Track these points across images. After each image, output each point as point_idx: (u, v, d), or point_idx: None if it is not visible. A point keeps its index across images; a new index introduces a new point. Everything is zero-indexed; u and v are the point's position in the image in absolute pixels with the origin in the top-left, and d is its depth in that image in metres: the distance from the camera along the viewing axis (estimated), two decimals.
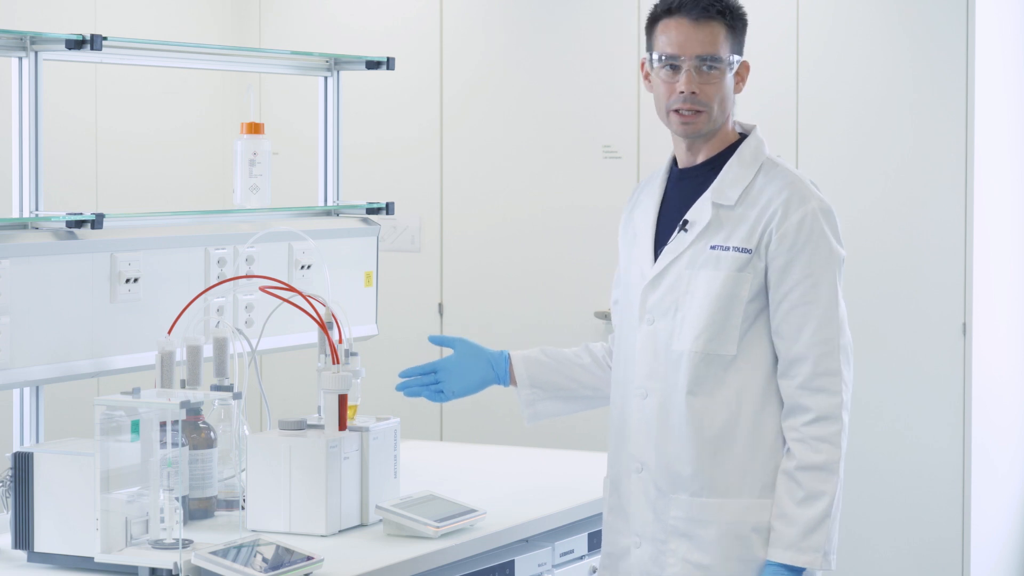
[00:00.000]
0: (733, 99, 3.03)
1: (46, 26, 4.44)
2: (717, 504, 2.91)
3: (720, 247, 2.93)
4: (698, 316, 2.92)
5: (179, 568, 2.81)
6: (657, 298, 2.97)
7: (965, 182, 5.29)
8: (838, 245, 2.95)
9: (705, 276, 2.93)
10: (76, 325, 3.38)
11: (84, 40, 3.34)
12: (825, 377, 2.91)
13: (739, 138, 3.06)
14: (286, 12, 6.47)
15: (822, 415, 2.90)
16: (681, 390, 2.92)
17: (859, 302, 5.46)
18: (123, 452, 2.89)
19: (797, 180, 2.97)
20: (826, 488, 2.86)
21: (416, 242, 6.20)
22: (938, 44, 5.31)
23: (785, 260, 2.91)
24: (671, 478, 2.94)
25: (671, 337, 2.95)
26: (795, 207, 2.92)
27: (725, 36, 3.00)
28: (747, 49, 3.07)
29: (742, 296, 2.91)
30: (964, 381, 5.29)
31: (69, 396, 4.17)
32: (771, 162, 3.01)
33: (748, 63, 3.05)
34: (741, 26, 3.03)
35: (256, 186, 3.87)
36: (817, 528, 2.85)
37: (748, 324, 2.92)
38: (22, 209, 3.35)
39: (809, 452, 2.87)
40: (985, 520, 5.39)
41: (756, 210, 2.94)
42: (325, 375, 3.25)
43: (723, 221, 2.95)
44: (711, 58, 2.97)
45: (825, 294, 2.92)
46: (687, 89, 2.96)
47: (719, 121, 3.01)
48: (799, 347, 2.91)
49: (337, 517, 3.19)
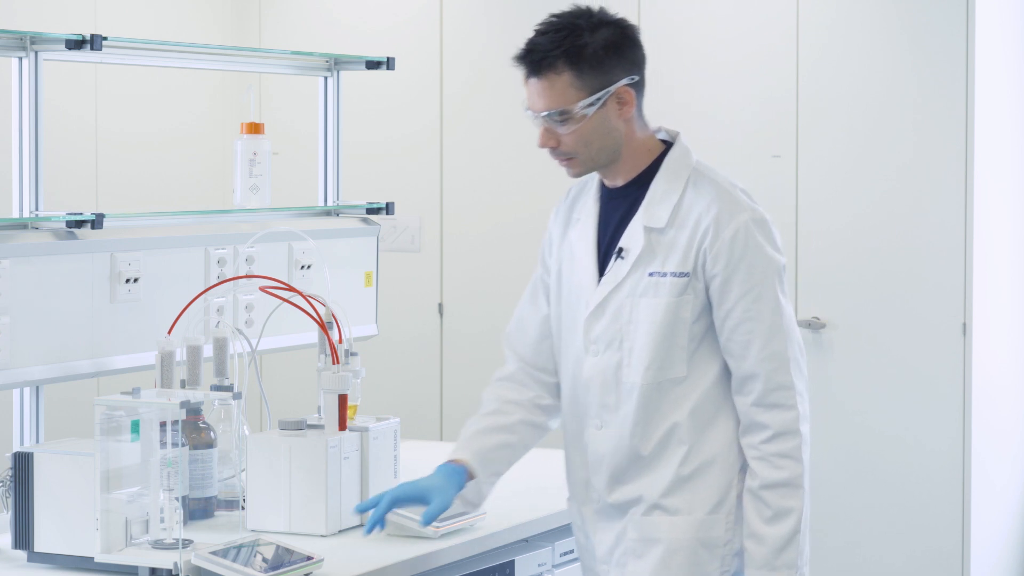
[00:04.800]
0: (617, 128, 2.90)
1: (46, 26, 4.44)
2: (668, 521, 2.89)
3: (658, 273, 2.89)
4: (644, 346, 2.88)
5: (179, 568, 2.81)
6: (601, 328, 2.93)
7: (965, 182, 5.28)
8: (775, 253, 2.89)
9: (646, 304, 2.88)
10: (76, 325, 3.38)
11: (84, 40, 3.35)
12: (778, 392, 2.86)
13: (664, 147, 2.97)
14: (286, 12, 6.47)
15: (780, 431, 2.85)
16: (635, 419, 2.90)
17: (859, 302, 5.47)
18: (123, 452, 2.89)
19: (725, 193, 2.90)
20: (793, 504, 2.84)
21: (416, 242, 6.20)
22: (938, 44, 5.31)
23: (723, 278, 2.86)
24: (628, 502, 2.93)
25: (619, 368, 2.91)
26: (726, 223, 2.86)
27: (571, 82, 2.86)
28: (747, 49, 3.04)
29: (685, 318, 2.88)
30: (964, 381, 5.29)
31: (69, 396, 4.17)
32: (698, 173, 2.93)
33: (626, 88, 2.89)
34: (593, 62, 2.86)
35: (256, 186, 3.87)
36: (788, 545, 2.84)
37: (696, 344, 2.89)
38: (22, 209, 3.35)
39: (771, 470, 2.84)
40: (985, 522, 5.39)
41: (687, 231, 2.88)
42: (325, 375, 3.25)
43: (656, 247, 2.89)
44: (558, 112, 2.86)
45: (768, 307, 2.86)
46: (542, 145, 2.91)
47: (604, 157, 2.92)
48: (748, 364, 2.86)
49: (337, 517, 3.19)
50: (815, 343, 5.50)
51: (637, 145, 2.95)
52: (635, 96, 2.92)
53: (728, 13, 5.59)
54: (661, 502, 2.90)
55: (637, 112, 2.94)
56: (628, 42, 2.91)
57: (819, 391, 5.50)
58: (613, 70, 2.88)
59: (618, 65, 2.88)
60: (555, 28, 2.88)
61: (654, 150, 2.97)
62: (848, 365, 5.47)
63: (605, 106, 2.88)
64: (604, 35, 2.87)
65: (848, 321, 5.48)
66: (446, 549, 3.15)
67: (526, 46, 2.90)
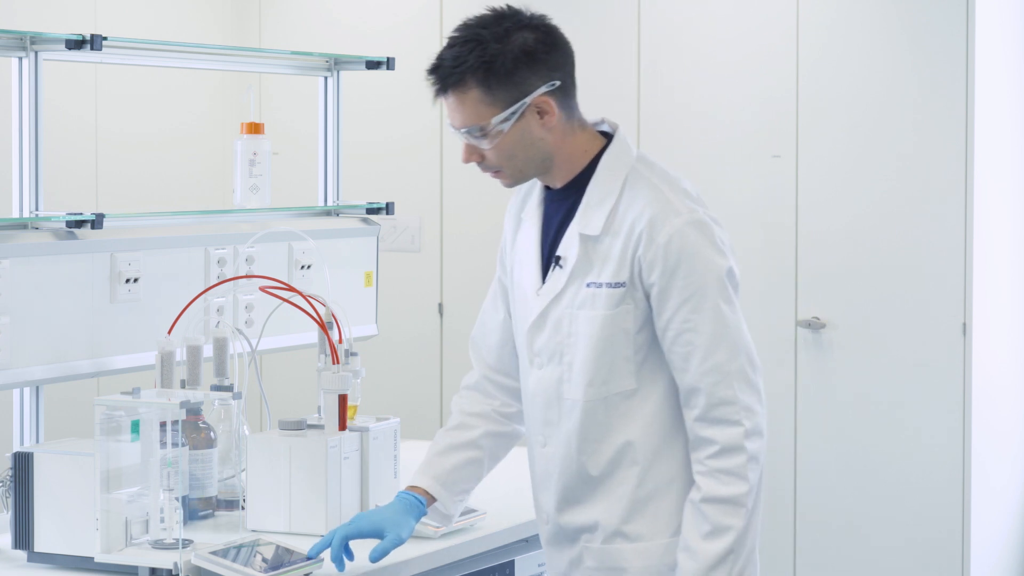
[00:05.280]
0: (541, 138, 2.74)
1: (46, 26, 4.44)
2: (631, 549, 2.77)
3: (595, 284, 2.73)
4: (585, 361, 2.74)
5: (179, 568, 2.81)
6: (543, 341, 2.80)
7: (965, 182, 5.28)
8: (718, 257, 2.70)
9: (585, 316, 2.74)
10: (76, 325, 3.38)
11: (84, 40, 3.34)
12: (722, 407, 2.68)
13: (604, 143, 2.81)
14: (286, 12, 6.47)
15: (725, 447, 2.68)
16: (579, 436, 2.77)
17: (859, 302, 5.47)
18: (123, 452, 2.89)
19: (660, 195, 2.72)
20: (733, 523, 2.67)
21: (416, 242, 6.20)
22: (938, 44, 5.31)
23: (660, 287, 2.69)
24: (580, 527, 2.81)
25: (561, 384, 2.78)
26: (660, 227, 2.69)
27: (481, 98, 2.70)
28: (747, 49, 3.00)
29: (628, 329, 2.72)
30: (964, 381, 5.29)
31: (69, 396, 4.17)
32: (636, 173, 2.77)
33: (543, 98, 2.71)
34: (503, 75, 2.69)
35: (256, 186, 3.87)
36: (719, 565, 2.67)
37: (643, 354, 2.74)
38: (22, 209, 3.35)
39: (716, 485, 2.68)
40: (985, 521, 5.39)
41: (621, 238, 2.72)
42: (325, 375, 3.25)
43: (592, 255, 2.74)
44: (472, 128, 2.73)
45: (708, 318, 2.68)
46: (466, 160, 2.79)
47: (532, 168, 2.78)
48: (690, 378, 2.70)
49: (337, 517, 3.19)
50: (815, 343, 5.50)
51: (571, 149, 2.78)
52: (557, 103, 2.73)
53: (728, 13, 5.59)
54: (622, 529, 2.77)
55: (566, 115, 2.76)
56: (544, 47, 2.73)
57: (819, 391, 5.51)
58: (527, 80, 2.71)
59: (533, 74, 2.71)
60: (461, 41, 2.72)
61: (591, 150, 2.80)
62: (848, 365, 5.47)
63: (524, 118, 2.72)
64: (516, 43, 2.70)
65: (848, 321, 5.48)
66: (446, 549, 3.15)
67: (434, 61, 2.74)
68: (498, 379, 3.02)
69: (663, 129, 5.65)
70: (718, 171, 5.59)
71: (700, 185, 2.81)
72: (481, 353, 3.05)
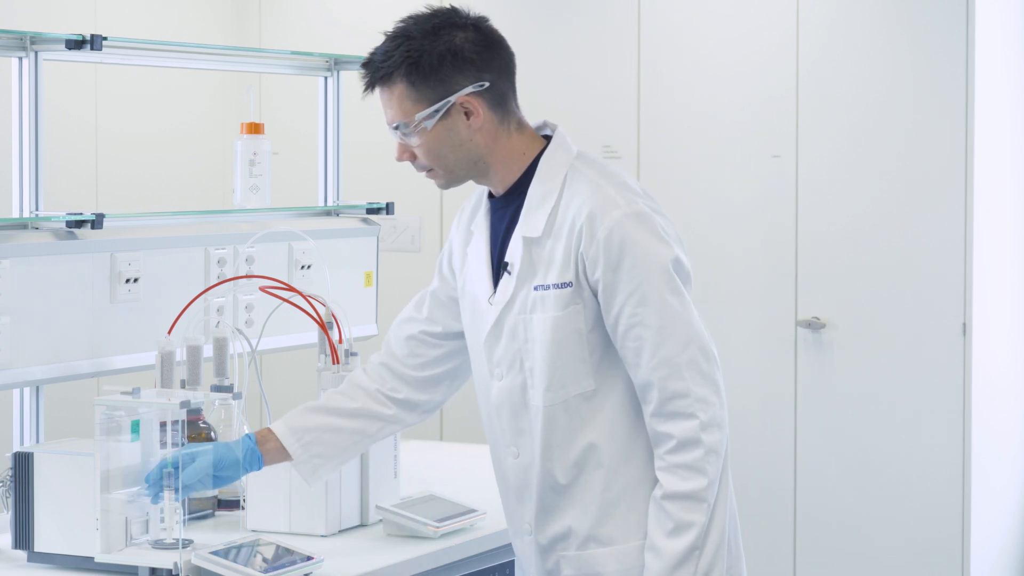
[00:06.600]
0: (470, 139, 2.73)
1: (46, 26, 4.44)
2: (606, 553, 2.73)
3: (542, 287, 2.70)
4: (543, 365, 2.71)
5: (179, 568, 2.81)
6: (501, 351, 2.77)
7: (965, 182, 5.28)
8: (662, 247, 2.66)
9: (537, 320, 2.71)
10: (76, 325, 3.38)
11: (84, 40, 3.34)
12: (675, 401, 2.64)
13: (544, 145, 2.78)
14: (286, 12, 6.47)
15: (682, 441, 2.63)
16: (548, 443, 2.74)
17: (859, 302, 5.47)
18: (123, 452, 2.89)
19: (599, 189, 2.69)
20: (694, 518, 2.63)
21: (416, 242, 6.20)
22: (938, 44, 5.31)
23: (605, 283, 2.66)
24: (556, 536, 2.78)
25: (524, 391, 2.75)
26: (599, 222, 2.65)
27: (405, 94, 2.70)
28: (747, 49, 3.00)
29: (580, 329, 2.69)
30: (964, 381, 5.29)
31: (69, 396, 4.17)
32: (575, 171, 2.73)
33: (468, 98, 2.70)
34: (427, 72, 2.69)
35: (256, 186, 3.87)
36: (685, 562, 2.63)
37: (599, 354, 2.70)
38: (22, 209, 3.35)
39: (676, 480, 2.64)
40: (985, 521, 5.39)
41: (564, 238, 2.69)
42: (325, 375, 3.25)
43: (536, 258, 2.72)
44: (397, 126, 2.74)
45: (654, 310, 2.64)
46: (399, 158, 2.80)
47: (463, 170, 2.77)
48: (642, 373, 2.66)
49: (337, 517, 3.19)
50: (815, 343, 5.50)
51: (506, 152, 2.76)
52: (486, 104, 2.72)
53: (728, 13, 5.59)
54: (595, 533, 2.74)
55: (498, 117, 2.74)
56: (474, 47, 2.71)
57: (819, 391, 5.51)
58: (452, 78, 2.69)
59: (459, 73, 2.69)
60: (391, 36, 2.72)
61: (529, 152, 2.77)
62: (848, 365, 5.47)
63: (450, 117, 2.71)
64: (444, 42, 2.69)
65: (848, 321, 5.48)
66: (446, 549, 3.15)
67: (367, 56, 2.75)
68: (395, 366, 3.00)
69: (663, 129, 5.65)
70: (718, 171, 5.60)
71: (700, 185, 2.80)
72: (390, 342, 3.03)
